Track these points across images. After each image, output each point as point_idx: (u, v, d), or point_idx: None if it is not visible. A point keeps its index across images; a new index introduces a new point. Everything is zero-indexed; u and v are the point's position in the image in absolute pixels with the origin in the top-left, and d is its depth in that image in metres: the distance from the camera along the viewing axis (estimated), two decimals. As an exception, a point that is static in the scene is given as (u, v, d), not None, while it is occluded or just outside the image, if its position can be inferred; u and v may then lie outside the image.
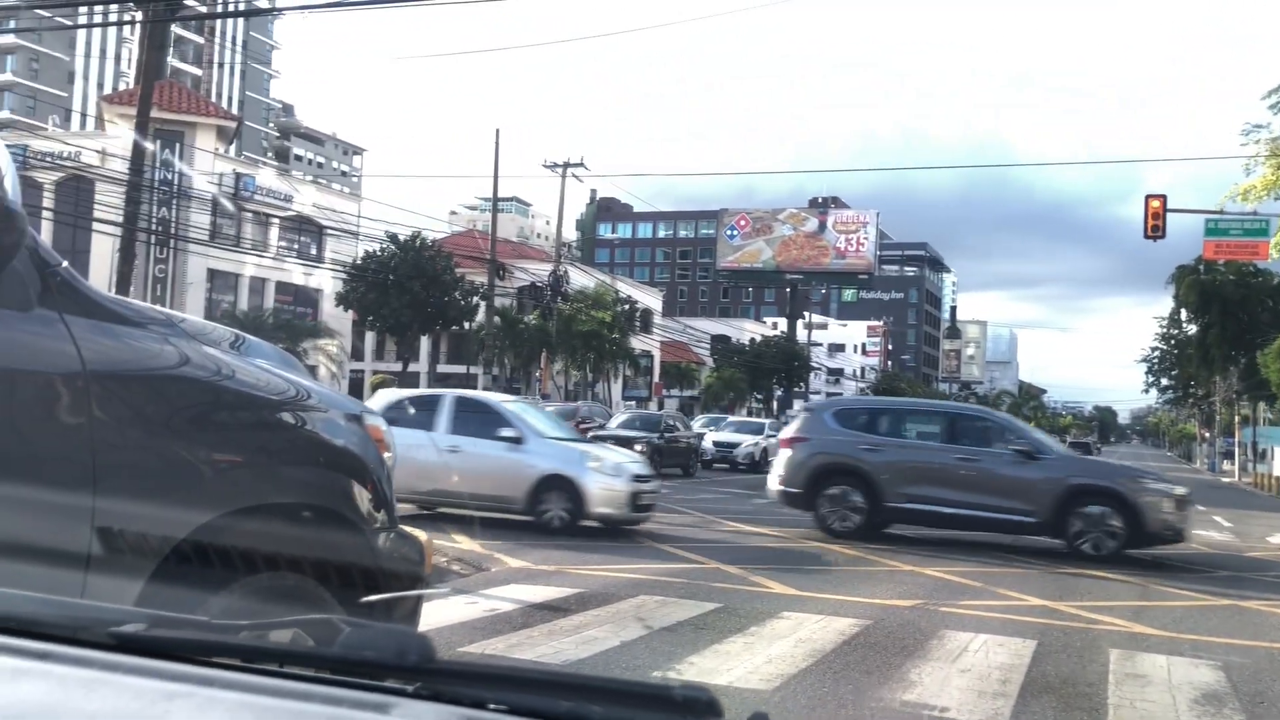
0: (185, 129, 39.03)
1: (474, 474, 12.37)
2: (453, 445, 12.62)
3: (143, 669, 1.01)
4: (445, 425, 12.83)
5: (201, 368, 2.74)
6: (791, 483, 13.95)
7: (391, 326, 39.46)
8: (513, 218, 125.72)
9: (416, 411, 13.19)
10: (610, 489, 12.26)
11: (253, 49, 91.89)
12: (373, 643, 1.06)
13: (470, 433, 12.75)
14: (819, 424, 14.51)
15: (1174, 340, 58.27)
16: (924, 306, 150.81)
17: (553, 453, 12.60)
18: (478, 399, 14.89)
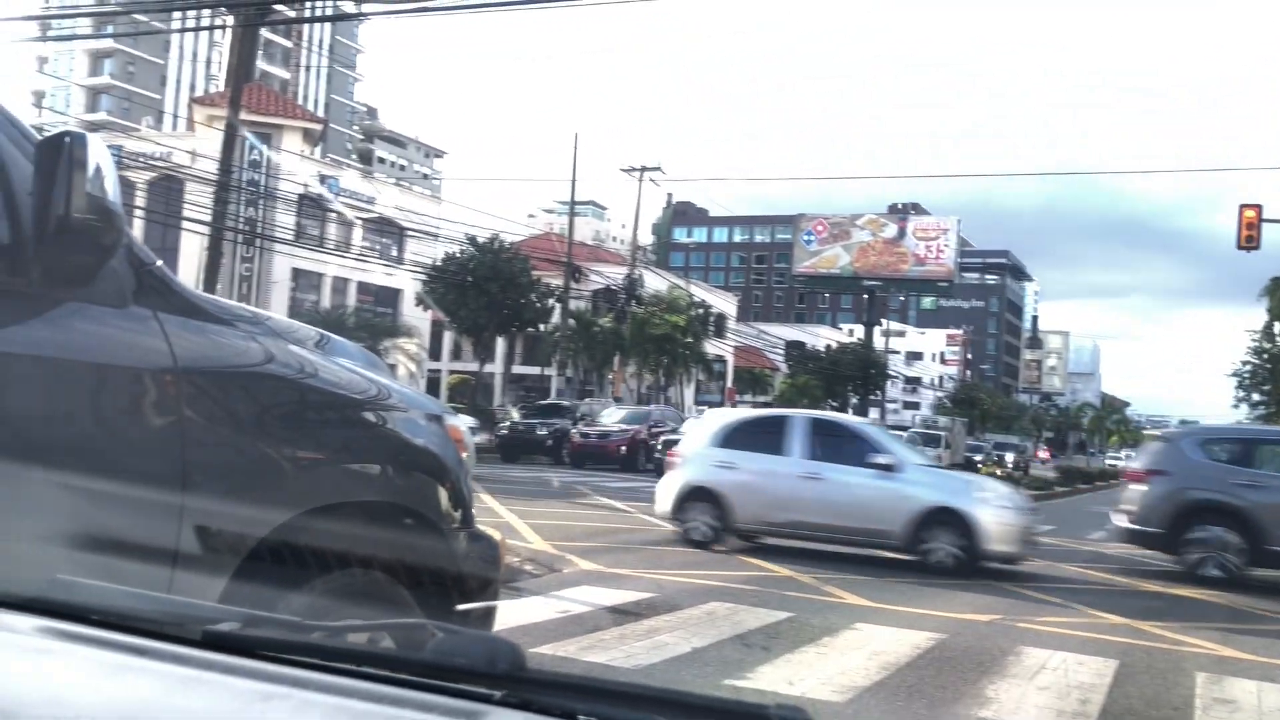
0: (273, 131, 39.91)
1: (840, 505, 11.40)
2: (811, 472, 11.58)
3: (239, 669, 1.02)
4: (800, 449, 11.81)
5: (287, 366, 2.78)
6: (1148, 521, 12.45)
7: (468, 327, 39.89)
8: (589, 221, 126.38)
9: (762, 433, 12.43)
10: (1005, 523, 11.11)
11: (338, 53, 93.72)
12: (464, 649, 1.05)
13: (831, 458, 11.71)
14: (1180, 455, 12.97)
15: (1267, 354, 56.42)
16: (1005, 315, 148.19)
17: (934, 482, 11.66)
18: (836, 421, 13.97)
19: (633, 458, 26.73)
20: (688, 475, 12.17)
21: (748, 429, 12.74)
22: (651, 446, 26.39)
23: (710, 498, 11.83)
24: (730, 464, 11.96)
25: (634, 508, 15.59)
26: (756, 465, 11.93)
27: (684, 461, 12.50)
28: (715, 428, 12.92)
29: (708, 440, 12.62)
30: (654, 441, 26.42)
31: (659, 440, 26.18)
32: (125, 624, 1.09)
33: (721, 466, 11.97)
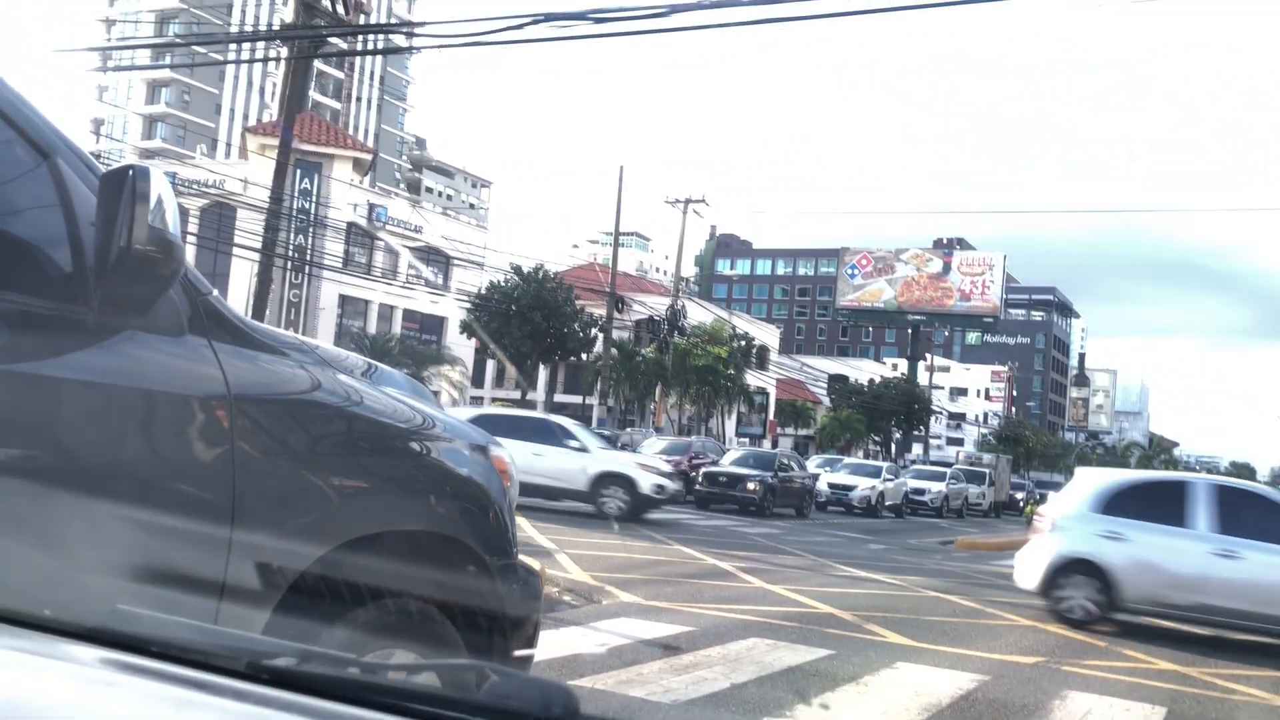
0: (324, 160, 40.55)
1: (1262, 590, 10.18)
2: (1224, 549, 10.33)
3: (297, 706, 1.03)
4: (1207, 521, 10.57)
5: (336, 395, 2.81)
6: None
7: (511, 356, 40.14)
8: (633, 252, 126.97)
9: (1156, 499, 11.23)
10: None
11: (389, 84, 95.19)
12: (518, 692, 1.06)
13: (1247, 534, 10.46)
14: None
15: (1321, 396, 55.31)
16: (1051, 352, 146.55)
17: None
18: (1251, 490, 12.15)
19: (673, 489, 26.58)
20: (1063, 544, 10.98)
21: (1137, 493, 11.41)
22: (692, 478, 26.29)
23: (1094, 571, 10.68)
24: (1118, 534, 10.77)
25: (673, 539, 15.54)
26: (1151, 538, 10.71)
27: (1056, 528, 11.22)
28: (1094, 489, 11.46)
29: (1086, 504, 11.23)
30: (694, 473, 26.32)
31: (699, 471, 26.08)
32: (184, 656, 1.10)
33: (1108, 537, 10.77)
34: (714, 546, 15.09)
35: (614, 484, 18.01)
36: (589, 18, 12.48)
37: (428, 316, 45.04)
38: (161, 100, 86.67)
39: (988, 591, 13.46)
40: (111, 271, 2.12)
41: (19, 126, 2.21)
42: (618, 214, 38.89)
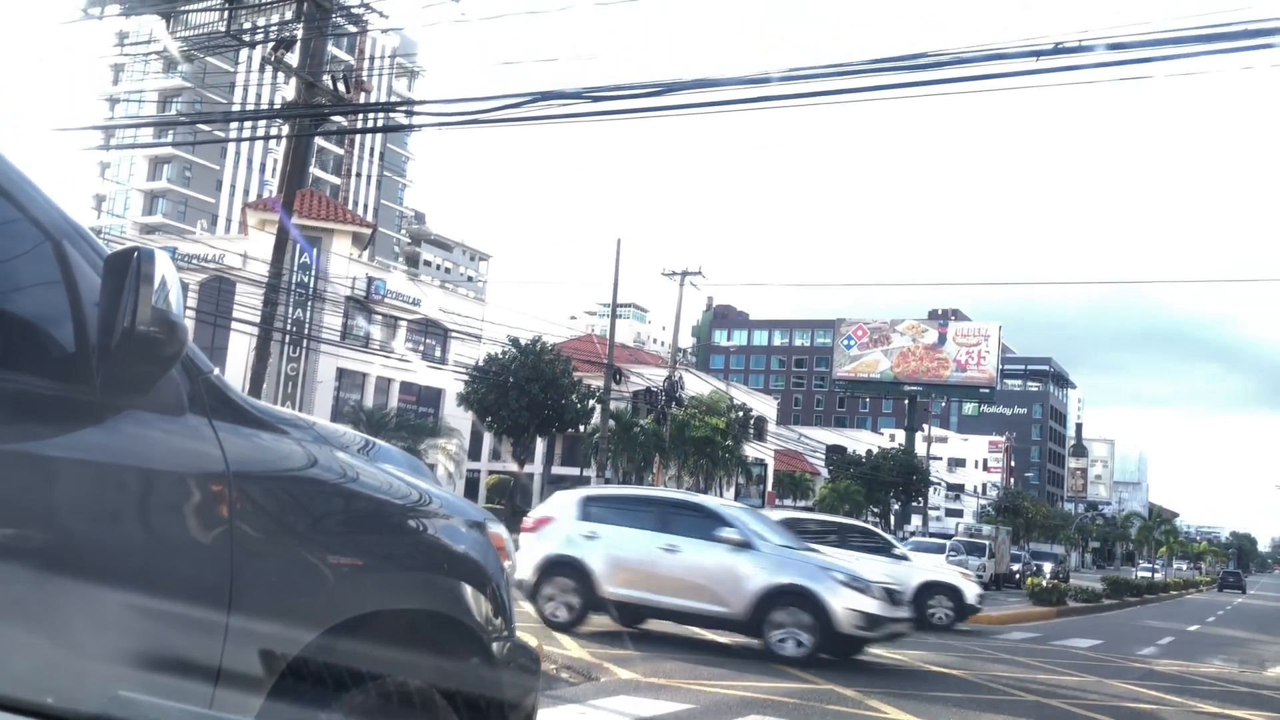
0: (323, 235, 40.89)
1: None
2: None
3: None
4: None
5: (334, 472, 2.82)
6: None
7: (509, 427, 40.08)
8: (630, 323, 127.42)
9: None
10: None
11: (389, 160, 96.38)
12: None
13: None
14: None
15: (1319, 465, 55.31)
16: (1048, 423, 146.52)
17: None
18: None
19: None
20: None
21: None
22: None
23: None
24: None
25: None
26: None
27: None
28: None
29: None
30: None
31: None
32: None
33: None
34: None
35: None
36: (586, 96, 12.70)
37: (425, 389, 45.07)
38: (163, 176, 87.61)
39: (994, 666, 13.30)
40: (114, 351, 2.14)
41: (25, 209, 2.25)
42: (615, 285, 39.12)
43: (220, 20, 18.96)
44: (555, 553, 12.36)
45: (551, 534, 12.65)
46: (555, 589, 12.22)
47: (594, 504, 13.05)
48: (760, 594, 11.48)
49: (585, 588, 12.08)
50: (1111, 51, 10.31)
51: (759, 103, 12.23)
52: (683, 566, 11.88)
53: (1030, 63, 10.62)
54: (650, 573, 11.96)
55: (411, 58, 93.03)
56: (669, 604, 11.94)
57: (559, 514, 12.93)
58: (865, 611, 11.42)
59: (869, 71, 11.38)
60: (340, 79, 18.29)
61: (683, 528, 12.27)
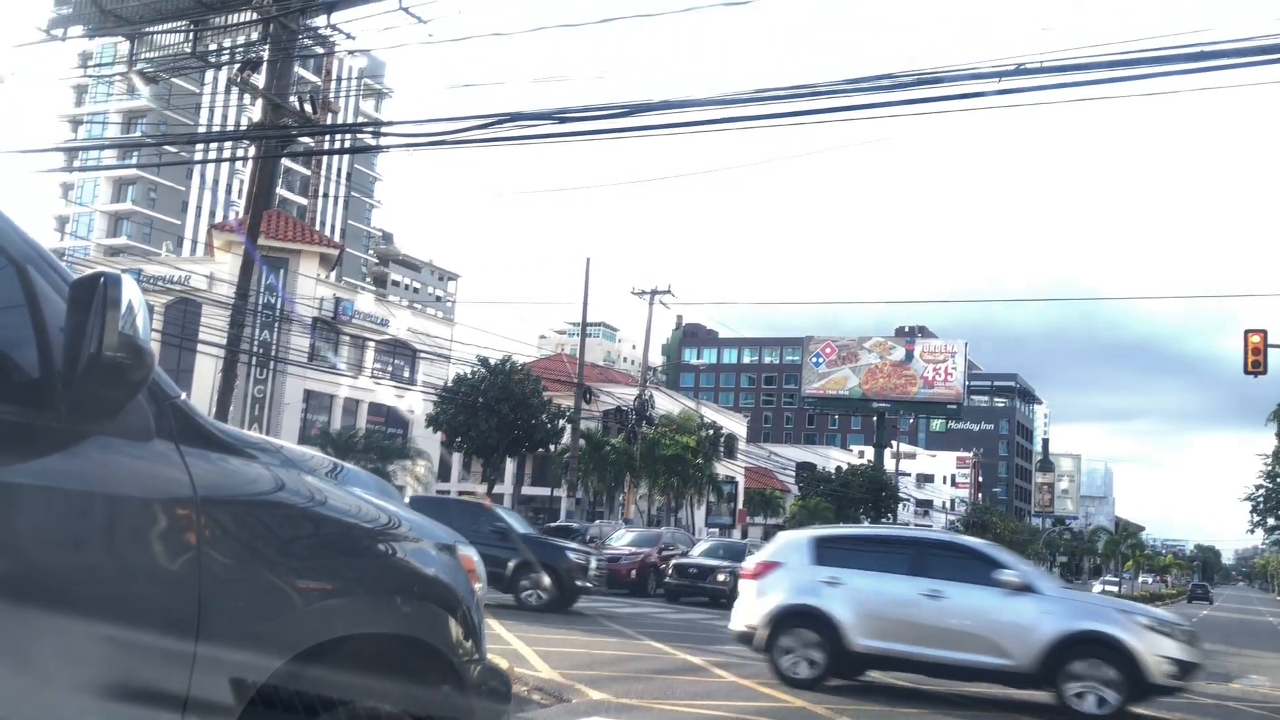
0: (290, 256, 40.67)
1: None
2: None
3: None
4: None
5: (302, 496, 2.81)
6: None
7: (479, 448, 39.92)
8: (600, 342, 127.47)
9: None
10: None
11: (356, 181, 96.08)
12: None
13: None
14: None
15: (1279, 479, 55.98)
16: (1015, 438, 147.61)
17: None
18: None
19: (642, 582, 26.37)
20: None
21: None
22: (662, 570, 26.06)
23: None
24: None
25: (643, 634, 15.35)
26: None
27: None
28: None
29: None
30: (664, 565, 26.09)
31: (669, 563, 25.87)
32: None
33: None
34: (685, 640, 14.91)
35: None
36: (553, 117, 12.76)
37: (393, 410, 44.84)
38: (127, 198, 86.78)
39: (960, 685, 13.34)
40: (81, 377, 2.13)
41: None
42: (585, 304, 39.17)
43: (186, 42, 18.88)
44: (792, 602, 11.28)
45: (782, 581, 11.60)
46: (795, 642, 11.08)
47: (829, 546, 11.98)
48: (1052, 643, 10.30)
49: (831, 640, 10.91)
50: (1071, 73, 10.50)
51: (727, 123, 12.32)
52: (952, 614, 10.71)
53: (994, 83, 10.81)
54: (911, 622, 10.77)
55: (379, 79, 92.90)
56: (935, 657, 10.68)
57: (788, 558, 11.90)
58: (1176, 658, 10.32)
59: (838, 92, 11.52)
60: (307, 100, 18.27)
61: (945, 570, 11.11)
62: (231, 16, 18.43)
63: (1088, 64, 10.39)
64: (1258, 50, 9.72)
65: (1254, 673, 19.10)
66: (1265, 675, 18.62)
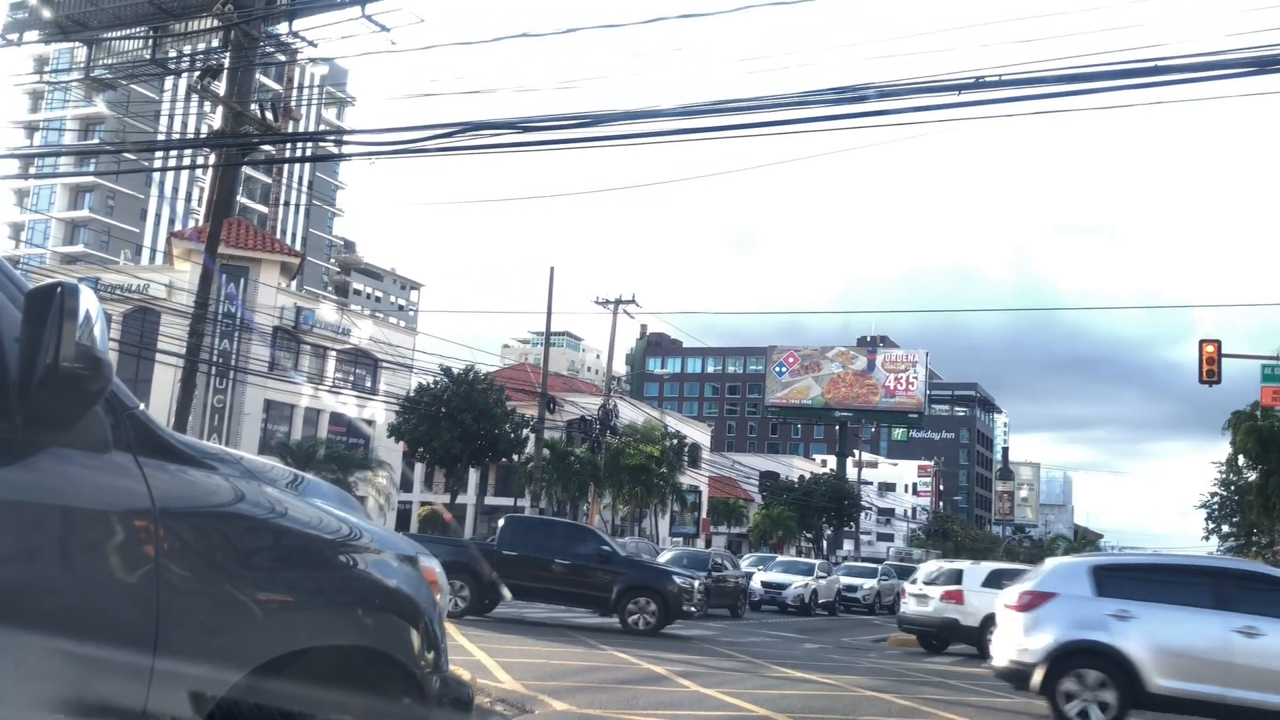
0: (250, 264, 40.30)
1: None
2: None
3: None
4: None
5: (263, 508, 2.79)
6: None
7: (442, 458, 39.72)
8: (564, 352, 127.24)
9: None
10: None
11: (318, 189, 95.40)
12: None
13: None
14: None
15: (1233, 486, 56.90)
16: (976, 447, 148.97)
17: None
18: None
19: (606, 592, 26.29)
20: None
21: None
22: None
23: None
24: None
25: (606, 644, 15.33)
26: None
27: None
28: None
29: None
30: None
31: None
32: None
33: None
34: (648, 650, 14.91)
35: None
36: (516, 127, 12.75)
37: (355, 420, 44.51)
38: (85, 205, 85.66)
39: (923, 689, 13.44)
40: (37, 388, 2.11)
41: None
42: (549, 314, 39.10)
43: (145, 48, 18.70)
44: (1074, 637, 10.38)
45: (1059, 614, 10.66)
46: (1079, 684, 10.22)
47: (1113, 576, 11.05)
48: None
49: (1126, 681, 10.07)
50: (1029, 86, 10.63)
51: (689, 134, 12.38)
52: (1275, 655, 9.82)
53: (954, 95, 10.93)
54: (1223, 662, 9.87)
55: (341, 86, 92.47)
56: (1253, 701, 9.73)
57: (1064, 588, 10.98)
58: None
59: (798, 104, 11.60)
60: (268, 107, 18.12)
61: (1258, 604, 10.15)
62: (192, 23, 18.28)
63: (1045, 78, 10.54)
64: (1207, 66, 9.91)
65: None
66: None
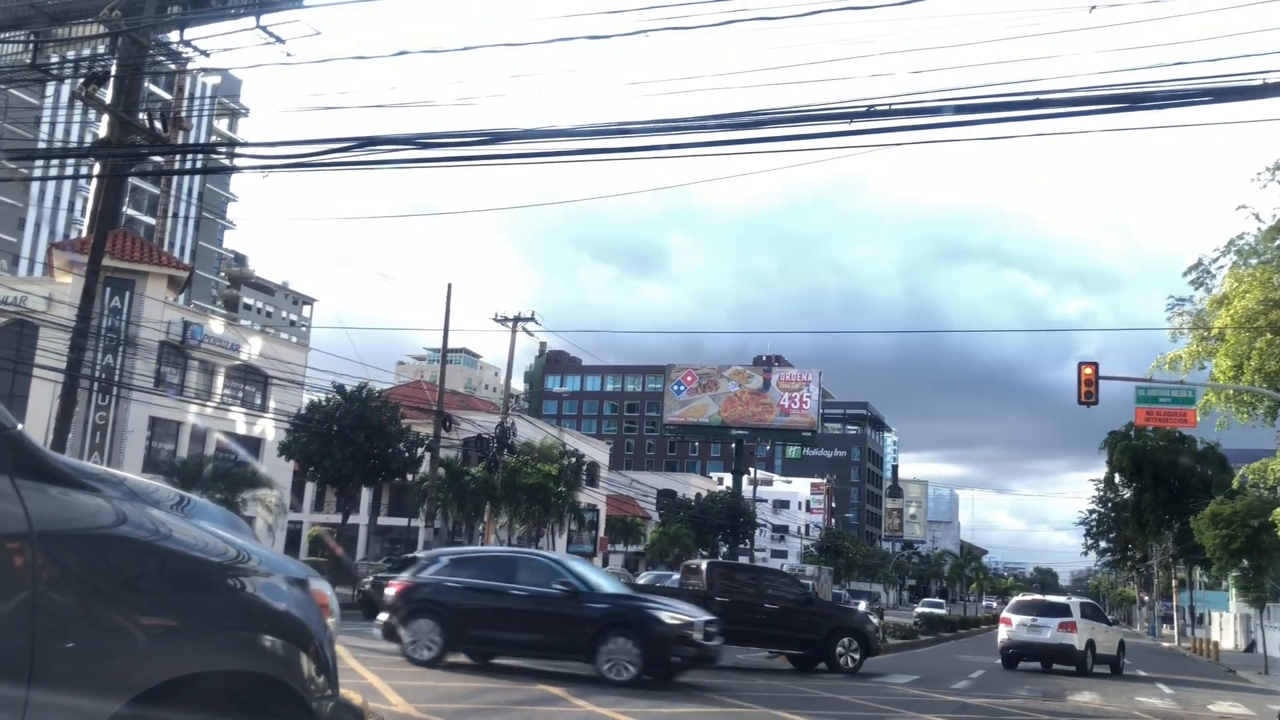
0: (136, 277, 39.05)
1: None
2: None
3: None
4: None
5: (146, 530, 2.74)
6: None
7: (333, 477, 38.95)
8: (461, 369, 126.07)
9: None
10: None
11: (209, 201, 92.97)
12: None
13: None
14: None
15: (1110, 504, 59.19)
16: (866, 465, 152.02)
17: None
18: None
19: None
20: None
21: None
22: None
23: None
24: None
25: (501, 665, 15.20)
26: None
27: None
28: None
29: None
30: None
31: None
32: None
33: None
34: (544, 671, 14.83)
35: None
36: (413, 142, 12.66)
37: (244, 438, 43.36)
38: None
39: (815, 707, 13.64)
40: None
41: None
42: (446, 331, 38.72)
43: (25, 52, 18.07)
44: None
45: None
46: None
47: None
48: None
49: None
50: (920, 116, 10.98)
51: (588, 154, 12.45)
52: None
53: (845, 124, 11.23)
54: None
55: (234, 98, 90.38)
56: None
57: None
58: None
59: (696, 128, 11.77)
60: (157, 117, 17.65)
61: None
62: (78, 28, 17.73)
63: (933, 108, 10.89)
64: (1083, 100, 10.37)
65: (1086, 690, 20.05)
66: (1095, 693, 19.57)
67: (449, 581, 14.88)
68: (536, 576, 14.67)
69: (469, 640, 14.60)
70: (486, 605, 14.39)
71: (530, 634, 14.33)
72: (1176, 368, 25.69)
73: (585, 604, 14.11)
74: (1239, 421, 25.67)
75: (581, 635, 13.81)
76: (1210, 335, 24.85)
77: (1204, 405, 25.66)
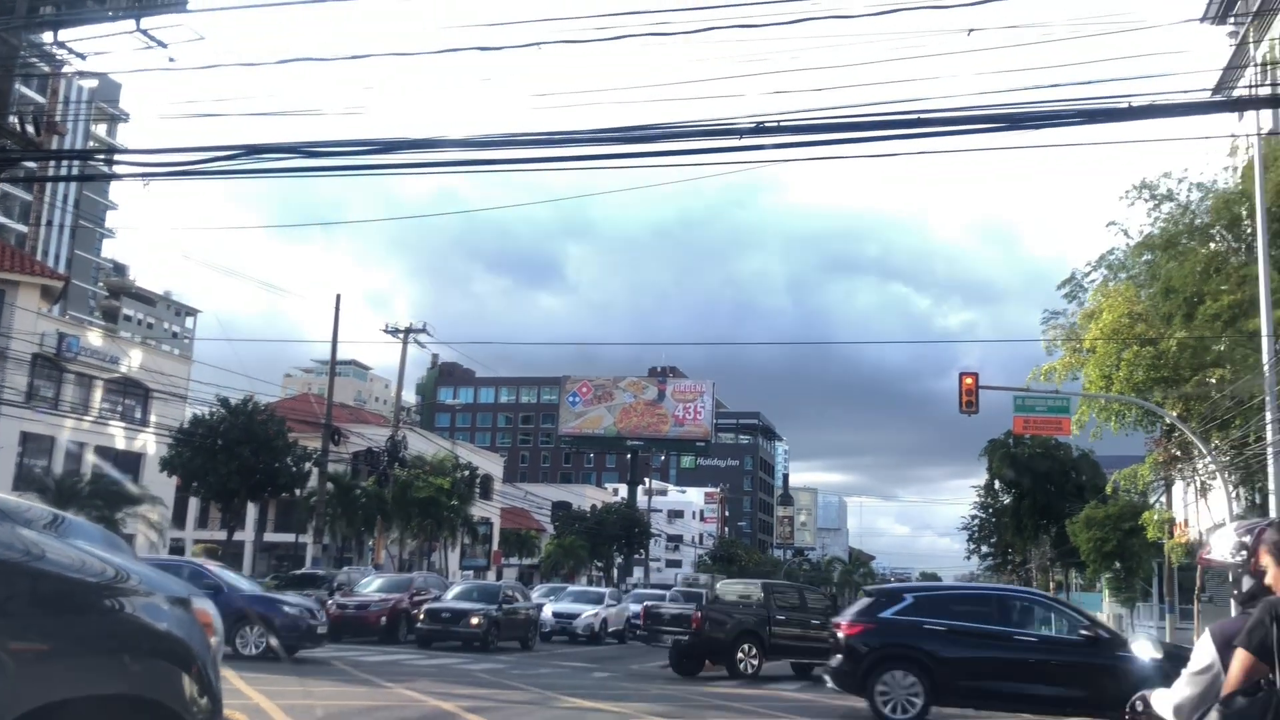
0: (7, 287, 37.45)
1: None
2: None
3: None
4: None
5: (16, 551, 2.66)
6: None
7: (218, 493, 37.89)
8: (350, 381, 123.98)
9: None
10: None
11: (86, 208, 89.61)
12: None
13: None
14: None
15: (991, 509, 61.03)
16: (759, 474, 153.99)
17: None
18: None
19: (394, 629, 25.72)
20: None
21: None
22: (414, 616, 25.51)
23: None
24: None
25: (393, 682, 15.00)
26: None
27: None
28: None
29: None
30: (416, 610, 25.56)
31: (421, 609, 25.36)
32: None
33: None
34: (437, 687, 14.68)
35: None
36: (301, 151, 12.45)
37: (124, 454, 41.86)
38: None
39: (709, 714, 13.77)
40: None
41: None
42: (334, 342, 38.05)
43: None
44: None
45: None
46: None
47: None
48: None
49: None
50: (807, 133, 11.24)
51: (479, 165, 12.45)
52: None
53: (735, 140, 11.44)
54: None
55: (113, 102, 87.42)
56: None
57: None
58: None
59: (589, 141, 11.83)
60: (30, 120, 16.98)
61: None
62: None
63: (821, 125, 11.16)
64: (964, 120, 10.76)
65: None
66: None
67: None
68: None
69: None
70: None
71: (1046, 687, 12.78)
72: (1052, 378, 26.77)
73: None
74: (1112, 431, 26.80)
75: None
76: (1082, 348, 25.94)
77: (1079, 420, 26.77)
